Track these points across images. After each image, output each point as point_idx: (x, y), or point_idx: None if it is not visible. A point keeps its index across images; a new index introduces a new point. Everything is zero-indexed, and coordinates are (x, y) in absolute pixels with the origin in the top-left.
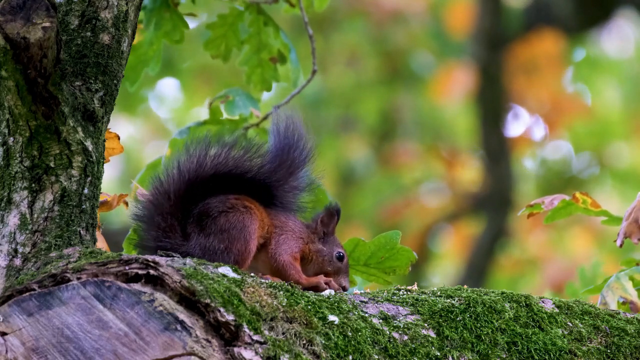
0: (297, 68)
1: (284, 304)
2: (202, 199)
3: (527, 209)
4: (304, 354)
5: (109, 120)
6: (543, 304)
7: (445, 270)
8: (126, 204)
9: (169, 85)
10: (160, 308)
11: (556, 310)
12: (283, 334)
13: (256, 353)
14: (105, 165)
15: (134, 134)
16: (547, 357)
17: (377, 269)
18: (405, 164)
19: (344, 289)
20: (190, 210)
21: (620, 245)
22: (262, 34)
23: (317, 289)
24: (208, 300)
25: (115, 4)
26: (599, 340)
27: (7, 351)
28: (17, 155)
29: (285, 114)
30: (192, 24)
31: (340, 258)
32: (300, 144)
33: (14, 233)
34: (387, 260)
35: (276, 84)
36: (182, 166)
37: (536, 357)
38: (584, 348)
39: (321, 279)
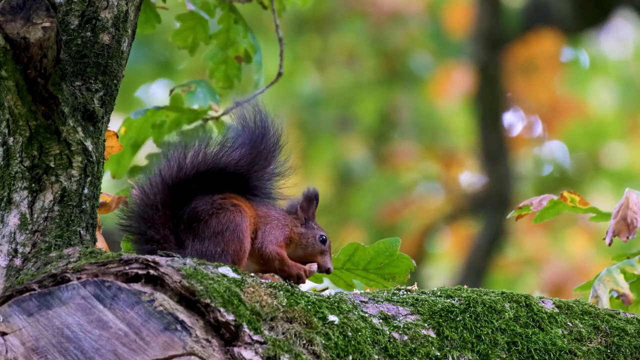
0: (260, 70)
1: (284, 304)
2: (188, 203)
3: (516, 211)
4: (304, 354)
5: (109, 120)
6: (543, 304)
7: (443, 270)
8: (126, 204)
9: (165, 87)
10: (160, 308)
11: (556, 310)
12: (283, 334)
13: (256, 353)
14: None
15: None
16: (547, 357)
17: (376, 275)
18: (404, 164)
19: (328, 271)
20: (180, 216)
21: (609, 244)
22: (231, 32)
23: (299, 277)
24: (208, 300)
25: (115, 4)
26: (599, 340)
27: (7, 351)
28: (17, 155)
29: (250, 104)
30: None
31: (323, 241)
32: (272, 129)
33: (14, 233)
34: (386, 266)
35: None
36: (164, 173)
37: (536, 357)
38: (584, 348)
39: (303, 268)
